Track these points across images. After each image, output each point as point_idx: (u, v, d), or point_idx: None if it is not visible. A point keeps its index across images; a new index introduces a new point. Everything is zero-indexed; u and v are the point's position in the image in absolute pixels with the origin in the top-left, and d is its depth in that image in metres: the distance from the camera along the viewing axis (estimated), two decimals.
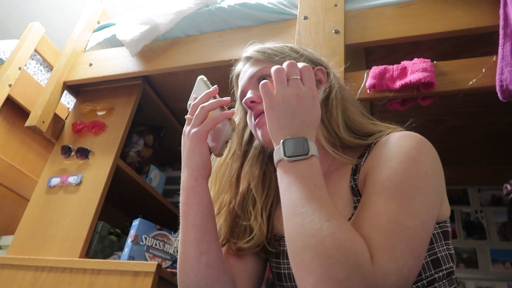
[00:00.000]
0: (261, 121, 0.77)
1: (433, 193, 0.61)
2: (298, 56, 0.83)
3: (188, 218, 0.71)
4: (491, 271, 2.03)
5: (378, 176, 0.62)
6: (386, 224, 0.54)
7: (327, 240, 0.49)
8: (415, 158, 0.62)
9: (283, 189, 0.59)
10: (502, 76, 1.11)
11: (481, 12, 1.26)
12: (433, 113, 1.76)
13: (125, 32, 1.71)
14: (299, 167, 0.59)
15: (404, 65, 1.23)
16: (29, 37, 1.93)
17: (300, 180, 0.57)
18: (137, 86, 1.81)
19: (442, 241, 0.67)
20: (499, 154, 2.06)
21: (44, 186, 1.65)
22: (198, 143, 0.72)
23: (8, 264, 1.46)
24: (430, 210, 0.59)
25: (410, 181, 0.59)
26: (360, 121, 0.79)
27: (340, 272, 0.47)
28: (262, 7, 1.57)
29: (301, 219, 0.53)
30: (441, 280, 0.64)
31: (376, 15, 1.37)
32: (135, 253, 1.48)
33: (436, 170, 0.64)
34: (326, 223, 0.51)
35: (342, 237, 0.50)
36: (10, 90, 1.84)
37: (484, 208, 2.20)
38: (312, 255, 0.50)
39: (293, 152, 0.60)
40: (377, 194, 0.59)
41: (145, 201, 1.97)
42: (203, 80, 0.80)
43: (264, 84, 0.66)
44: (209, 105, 0.73)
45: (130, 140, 2.00)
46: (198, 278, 0.70)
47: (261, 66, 0.82)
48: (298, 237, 0.53)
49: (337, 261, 0.48)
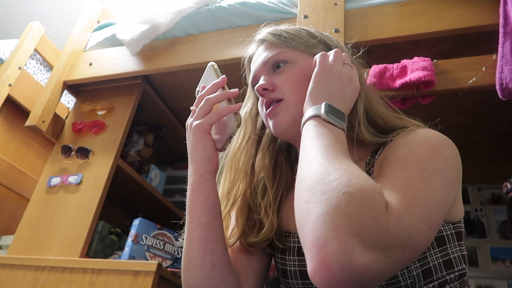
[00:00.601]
0: (274, 111, 0.75)
1: (451, 181, 0.58)
2: (317, 42, 0.80)
3: (193, 216, 0.69)
4: (491, 270, 2.03)
5: (395, 155, 0.60)
6: (403, 186, 0.52)
7: (344, 178, 0.47)
8: (435, 145, 0.60)
9: (308, 139, 0.58)
10: (502, 75, 1.11)
11: (481, 11, 1.26)
12: (433, 112, 1.76)
13: (125, 32, 1.71)
14: (331, 128, 0.59)
15: (404, 63, 1.23)
16: (29, 37, 1.92)
17: (329, 135, 0.57)
18: (137, 86, 1.81)
19: (455, 242, 0.65)
20: (499, 152, 2.06)
21: (45, 185, 1.65)
22: (201, 136, 0.68)
23: (9, 264, 1.46)
24: (446, 193, 0.56)
25: (429, 160, 0.57)
26: (385, 113, 0.76)
27: (352, 206, 0.44)
28: (262, 6, 1.57)
29: (319, 161, 0.52)
30: (452, 282, 0.63)
31: (376, 14, 1.37)
32: (135, 252, 1.48)
33: (456, 162, 0.61)
34: (346, 166, 0.50)
35: (361, 179, 0.48)
36: (10, 89, 1.84)
37: (484, 206, 2.20)
38: (326, 190, 0.47)
39: (332, 115, 0.60)
40: (394, 167, 0.57)
41: (146, 201, 1.97)
42: (214, 68, 0.76)
43: (323, 53, 0.70)
44: (215, 97, 0.69)
45: (130, 139, 2.00)
46: (202, 278, 0.68)
47: (276, 51, 0.78)
48: (313, 174, 0.50)
49: (351, 196, 0.45)
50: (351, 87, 0.68)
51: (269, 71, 0.79)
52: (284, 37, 0.78)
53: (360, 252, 0.42)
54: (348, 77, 0.69)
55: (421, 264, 0.61)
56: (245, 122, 0.84)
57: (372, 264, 0.42)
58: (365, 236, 0.43)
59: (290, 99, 0.74)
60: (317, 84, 0.66)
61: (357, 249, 0.42)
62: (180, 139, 0.77)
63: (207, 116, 0.68)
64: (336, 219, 0.44)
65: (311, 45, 0.79)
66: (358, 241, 0.42)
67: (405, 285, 0.60)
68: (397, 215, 0.46)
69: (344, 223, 0.43)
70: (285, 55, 0.78)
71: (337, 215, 0.44)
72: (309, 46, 0.79)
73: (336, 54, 0.71)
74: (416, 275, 0.60)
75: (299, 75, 0.75)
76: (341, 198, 0.45)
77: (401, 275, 0.60)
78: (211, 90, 0.71)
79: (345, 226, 0.43)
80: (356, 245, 0.42)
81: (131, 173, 1.75)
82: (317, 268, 0.43)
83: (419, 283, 0.60)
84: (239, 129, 0.81)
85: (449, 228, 0.64)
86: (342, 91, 0.67)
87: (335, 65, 0.69)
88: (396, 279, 0.61)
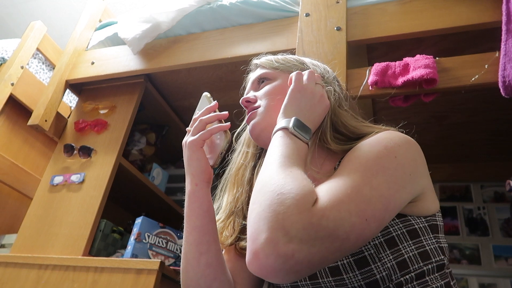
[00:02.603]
0: (251, 117, 0.85)
1: (401, 177, 0.61)
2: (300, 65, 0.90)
3: (189, 221, 0.76)
4: (493, 268, 2.02)
5: (348, 157, 0.66)
6: (341, 185, 0.57)
7: (281, 182, 0.56)
8: (386, 145, 0.65)
9: (272, 146, 0.67)
10: (504, 72, 1.10)
11: (483, 8, 1.25)
12: (436, 110, 1.76)
13: (127, 31, 1.71)
14: (295, 140, 0.67)
15: (406, 61, 1.23)
16: (31, 36, 1.93)
17: (290, 145, 0.65)
18: (139, 84, 1.81)
19: (430, 234, 0.67)
20: (502, 150, 2.05)
21: (47, 184, 1.66)
22: (195, 150, 0.77)
23: (12, 263, 1.46)
24: (394, 190, 0.59)
25: (376, 160, 0.62)
26: (354, 125, 0.81)
27: (282, 205, 0.52)
28: (263, 4, 1.57)
29: (271, 167, 0.61)
30: (431, 273, 0.64)
31: (378, 12, 1.37)
32: (138, 251, 1.48)
33: (410, 159, 0.65)
34: (288, 172, 0.58)
35: (296, 183, 0.55)
36: (13, 89, 1.85)
37: (487, 204, 2.20)
38: (266, 191, 0.56)
39: (299, 129, 0.68)
40: (343, 168, 0.62)
41: (148, 199, 1.98)
42: (207, 97, 0.86)
43: (299, 72, 0.79)
44: (207, 118, 0.79)
45: (132, 138, 2.00)
46: (197, 277, 0.74)
47: (262, 71, 0.90)
48: (263, 179, 0.59)
49: (282, 197, 0.53)
50: (321, 105, 0.77)
51: (255, 88, 0.90)
52: (273, 61, 0.90)
53: (284, 242, 0.49)
54: (319, 96, 0.77)
55: (394, 256, 0.63)
56: (246, 141, 0.94)
57: (294, 252, 0.49)
58: (290, 229, 0.50)
59: (264, 106, 0.84)
60: (291, 99, 0.74)
61: (281, 240, 0.49)
62: (182, 138, 0.81)
63: (200, 133, 0.77)
64: (268, 215, 0.52)
65: (294, 67, 0.88)
66: (283, 234, 0.50)
67: (381, 278, 0.63)
68: (322, 210, 0.52)
69: (274, 219, 0.51)
70: (268, 73, 0.89)
71: (270, 213, 0.52)
72: (291, 67, 0.88)
73: (310, 74, 0.79)
74: (391, 266, 0.63)
75: (276, 88, 0.85)
76: (274, 198, 0.53)
77: (375, 267, 0.63)
78: (205, 113, 0.80)
79: (274, 221, 0.51)
80: (281, 237, 0.49)
81: (133, 171, 1.75)
82: (250, 257, 0.52)
83: (395, 274, 0.62)
84: (240, 148, 0.93)
85: (421, 221, 0.67)
86: (312, 108, 0.75)
87: (308, 84, 0.77)
88: (370, 272, 0.63)
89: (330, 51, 1.30)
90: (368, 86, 1.23)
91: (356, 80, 1.26)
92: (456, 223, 2.18)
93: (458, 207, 2.23)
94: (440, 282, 0.65)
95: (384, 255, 0.63)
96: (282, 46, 1.45)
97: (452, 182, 2.27)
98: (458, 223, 2.18)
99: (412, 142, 0.68)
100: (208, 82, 1.79)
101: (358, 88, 1.24)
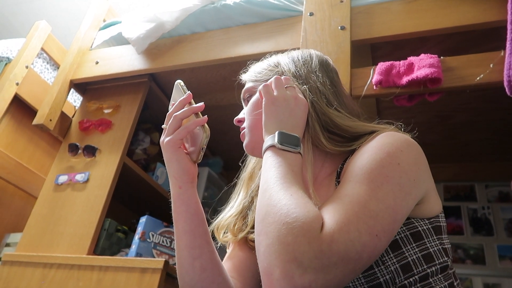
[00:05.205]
0: (242, 137, 0.85)
1: (406, 184, 0.61)
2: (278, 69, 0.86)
3: (178, 225, 0.75)
4: (498, 267, 2.02)
5: (351, 167, 0.65)
6: (347, 203, 0.56)
7: (284, 209, 0.54)
8: (389, 152, 0.63)
9: (265, 169, 0.65)
10: (510, 71, 1.10)
11: (488, 7, 1.25)
12: (440, 109, 1.75)
13: (131, 30, 1.71)
14: (285, 155, 0.65)
15: (410, 61, 1.23)
16: (36, 36, 1.94)
17: (282, 163, 0.64)
18: (143, 84, 1.82)
19: (434, 236, 0.66)
20: (507, 150, 2.04)
21: (52, 183, 1.67)
22: (173, 151, 0.74)
23: (17, 261, 1.47)
24: (400, 199, 0.59)
25: (380, 170, 0.61)
26: (347, 124, 0.77)
27: (290, 235, 0.51)
28: (267, 3, 1.57)
29: (270, 193, 0.59)
30: (435, 275, 0.64)
31: (382, 11, 1.36)
32: (142, 250, 1.48)
33: (412, 164, 0.64)
34: (288, 197, 0.57)
35: (299, 208, 0.54)
36: (18, 88, 1.86)
37: (491, 204, 2.19)
38: (271, 222, 0.54)
39: (286, 142, 0.67)
40: (347, 181, 0.61)
41: (152, 199, 1.98)
42: (180, 85, 0.80)
43: (265, 85, 0.75)
44: (182, 113, 0.74)
45: (136, 137, 2.01)
46: (194, 282, 0.74)
47: (247, 86, 0.88)
48: (264, 207, 0.58)
49: (288, 227, 0.52)
50: (298, 107, 0.73)
51: (245, 104, 0.88)
52: (253, 73, 0.88)
53: (299, 275, 0.49)
54: (293, 99, 0.74)
55: (398, 259, 0.62)
56: None
57: (311, 283, 0.49)
58: (302, 260, 0.49)
59: (247, 126, 0.83)
60: (267, 114, 0.73)
61: (296, 272, 0.49)
62: None
63: (176, 131, 0.74)
64: (278, 248, 0.51)
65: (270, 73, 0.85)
66: (297, 266, 0.49)
67: (384, 281, 0.62)
68: (331, 235, 0.51)
69: (284, 251, 0.50)
70: (250, 88, 0.87)
71: (279, 245, 0.51)
72: (268, 75, 0.85)
73: (277, 82, 0.76)
74: (395, 270, 0.62)
75: (253, 104, 0.83)
76: (281, 229, 0.52)
77: (378, 271, 0.62)
78: (178, 107, 0.76)
79: (285, 254, 0.50)
80: (295, 269, 0.49)
81: (137, 171, 1.76)
82: None
83: (398, 277, 0.62)
84: None
85: (424, 223, 0.66)
86: (291, 114, 0.72)
87: (279, 92, 0.74)
88: (374, 275, 0.62)
89: (334, 50, 1.30)
90: (372, 86, 1.23)
91: (361, 79, 1.25)
92: (460, 223, 2.17)
93: (463, 207, 2.22)
94: (443, 283, 0.64)
95: (387, 259, 0.62)
96: (286, 45, 1.45)
97: (456, 182, 2.26)
98: (463, 223, 2.17)
99: (413, 144, 0.67)
100: (212, 81, 1.79)
101: (363, 88, 1.24)
